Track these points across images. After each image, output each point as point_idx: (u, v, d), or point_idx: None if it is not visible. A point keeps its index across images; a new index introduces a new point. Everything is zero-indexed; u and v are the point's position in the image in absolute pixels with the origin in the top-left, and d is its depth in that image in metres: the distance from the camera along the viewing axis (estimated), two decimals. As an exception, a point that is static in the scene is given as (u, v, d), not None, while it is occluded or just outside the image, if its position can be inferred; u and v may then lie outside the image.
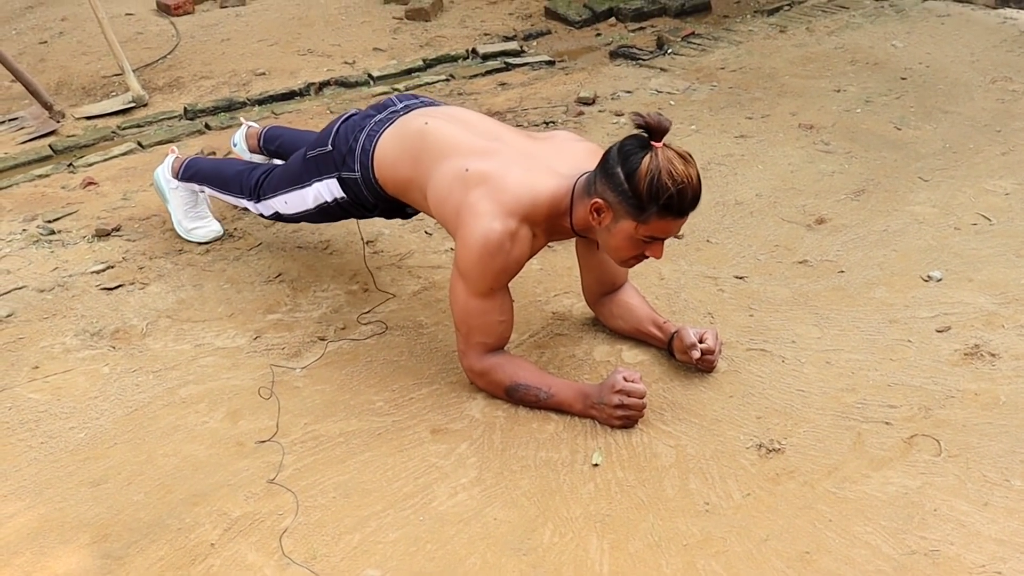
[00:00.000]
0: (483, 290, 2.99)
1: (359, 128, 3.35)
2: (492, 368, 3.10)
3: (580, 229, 3.01)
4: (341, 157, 3.35)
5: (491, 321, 3.06)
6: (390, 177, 3.26)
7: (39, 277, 3.89)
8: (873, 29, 6.21)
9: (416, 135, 3.22)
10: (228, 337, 3.51)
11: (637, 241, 2.88)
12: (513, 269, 2.99)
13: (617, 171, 2.81)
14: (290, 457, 2.95)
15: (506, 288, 3.05)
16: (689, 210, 2.82)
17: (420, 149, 3.17)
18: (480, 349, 3.10)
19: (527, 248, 2.98)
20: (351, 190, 3.37)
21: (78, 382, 3.32)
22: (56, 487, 2.88)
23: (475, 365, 3.11)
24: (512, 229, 2.92)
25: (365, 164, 3.29)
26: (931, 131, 4.86)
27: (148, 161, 4.83)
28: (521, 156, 3.06)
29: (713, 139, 4.83)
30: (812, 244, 3.93)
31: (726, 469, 2.84)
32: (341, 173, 3.36)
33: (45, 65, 6.21)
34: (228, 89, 5.78)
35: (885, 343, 3.34)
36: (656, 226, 2.83)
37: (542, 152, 3.11)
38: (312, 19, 6.87)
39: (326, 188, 3.42)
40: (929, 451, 2.87)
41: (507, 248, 2.92)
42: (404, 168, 3.21)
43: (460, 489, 2.81)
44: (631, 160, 2.78)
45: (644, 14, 6.78)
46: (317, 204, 3.49)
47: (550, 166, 3.03)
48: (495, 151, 3.07)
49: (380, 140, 3.28)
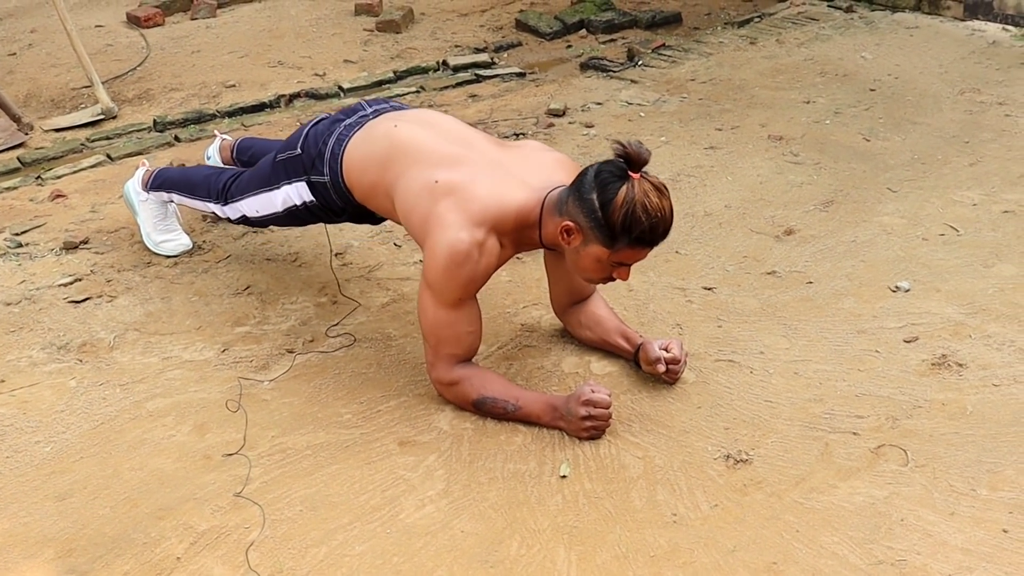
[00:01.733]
0: (451, 301, 2.99)
1: (328, 132, 3.35)
2: (460, 380, 3.08)
3: (549, 243, 3.02)
4: (311, 160, 3.35)
5: (460, 332, 3.05)
6: (358, 181, 3.26)
7: (6, 290, 3.86)
8: (842, 41, 6.24)
9: (384, 139, 3.22)
10: (196, 350, 3.49)
11: (605, 265, 2.90)
12: (481, 279, 2.99)
13: (592, 198, 2.80)
14: (257, 470, 2.93)
15: (474, 299, 3.05)
16: (660, 240, 2.85)
17: (388, 154, 3.17)
18: (449, 361, 3.09)
19: (494, 258, 2.98)
20: (320, 194, 3.37)
21: (44, 396, 3.30)
22: (21, 501, 2.86)
23: (443, 377, 3.10)
24: (479, 239, 2.91)
25: (334, 168, 3.29)
26: (899, 142, 4.89)
27: (117, 173, 4.81)
28: (490, 165, 3.06)
29: (683, 151, 4.84)
30: (781, 255, 3.94)
31: (694, 480, 2.84)
32: (310, 177, 3.36)
33: (14, 77, 6.18)
34: (198, 101, 5.76)
35: (853, 353, 3.35)
36: (625, 255, 2.85)
37: (511, 161, 3.11)
38: (283, 31, 6.86)
39: (295, 191, 3.42)
40: (896, 461, 2.88)
41: (475, 258, 2.92)
42: (372, 173, 3.21)
43: (428, 501, 2.80)
44: (607, 190, 2.78)
45: (615, 26, 6.80)
46: (286, 207, 3.48)
47: (519, 176, 3.03)
48: (464, 159, 3.07)
49: (349, 144, 3.28)
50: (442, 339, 3.06)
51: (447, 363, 3.09)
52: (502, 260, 3.03)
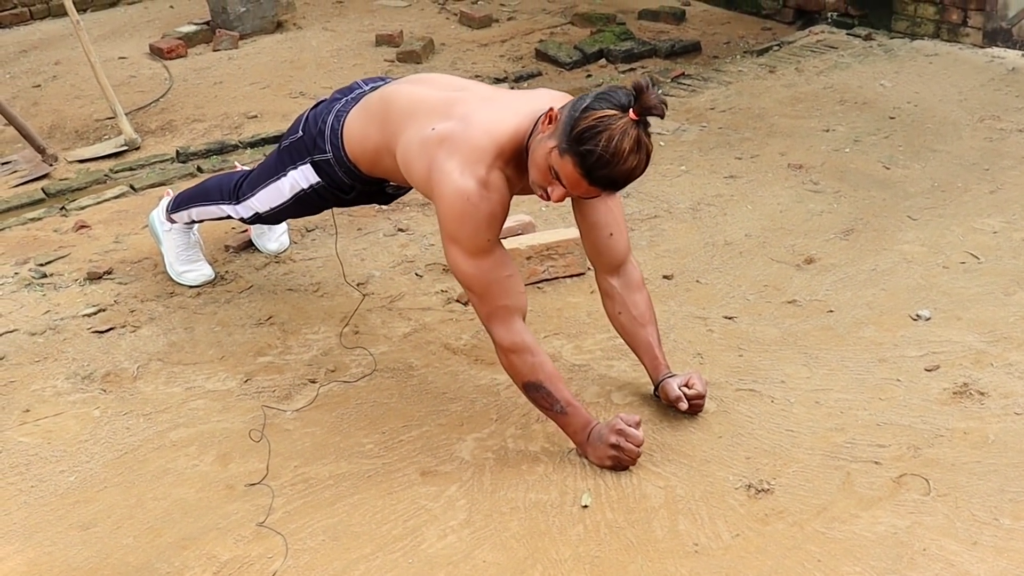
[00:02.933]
0: (479, 245, 2.93)
1: (327, 111, 3.38)
2: (523, 349, 2.99)
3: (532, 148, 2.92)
4: (312, 140, 3.37)
5: (500, 277, 2.97)
6: (360, 150, 3.27)
7: (31, 320, 3.90)
8: (862, 69, 6.25)
9: (380, 102, 3.24)
10: (219, 380, 3.52)
11: (548, 169, 2.80)
12: (499, 214, 2.94)
13: (584, 99, 2.75)
14: (280, 500, 2.95)
15: (499, 242, 2.98)
16: (599, 184, 2.75)
17: (385, 113, 3.18)
18: (505, 317, 2.99)
19: (504, 190, 2.93)
20: (325, 173, 3.39)
21: (69, 425, 3.32)
22: (46, 531, 2.88)
23: (505, 338, 3.00)
24: (482, 177, 2.88)
25: (335, 143, 3.31)
26: (919, 170, 4.89)
27: (140, 204, 4.84)
28: (482, 100, 3.05)
29: (703, 179, 4.85)
30: (801, 284, 3.94)
31: (715, 510, 2.84)
32: (313, 156, 3.38)
33: (38, 109, 6.24)
34: (220, 132, 5.80)
35: (874, 382, 3.35)
36: (564, 166, 2.75)
37: (505, 96, 3.12)
38: (304, 62, 6.91)
39: (301, 175, 3.44)
40: (918, 490, 2.87)
41: (484, 196, 2.88)
42: (373, 136, 3.22)
43: (449, 531, 2.81)
44: (598, 103, 2.71)
45: (634, 55, 6.82)
46: (294, 193, 3.50)
47: (511, 107, 3.00)
48: (457, 100, 3.05)
49: (347, 118, 3.31)
50: (488, 289, 2.97)
51: (504, 320, 3.00)
52: (512, 189, 2.98)
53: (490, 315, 3.01)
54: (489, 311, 3.01)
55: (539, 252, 3.96)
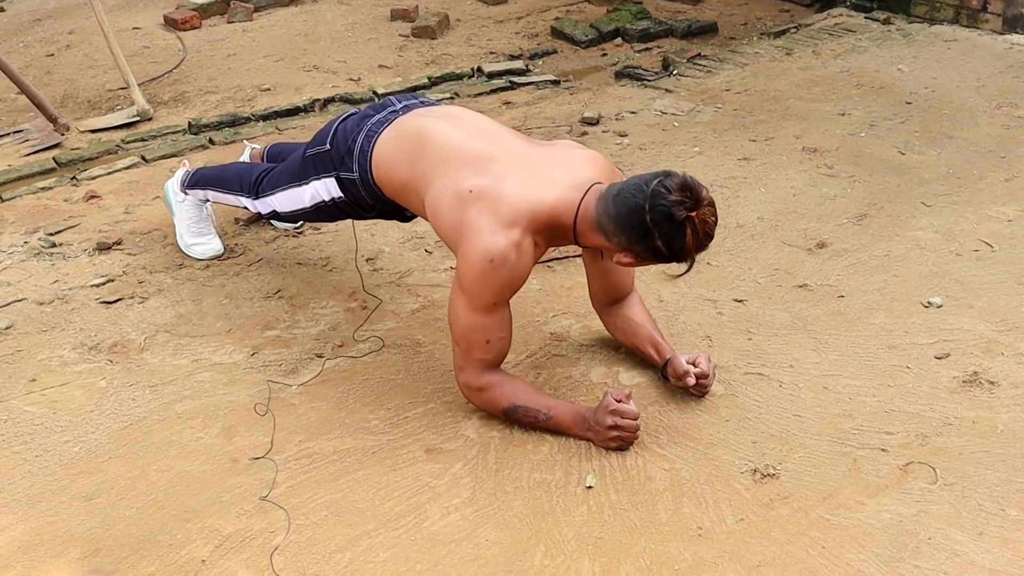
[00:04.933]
0: (486, 305, 2.96)
1: (358, 129, 3.34)
2: (490, 386, 3.07)
3: (585, 245, 3.01)
4: (339, 157, 3.35)
5: (492, 337, 3.03)
6: (387, 179, 3.25)
7: (39, 290, 3.89)
8: (879, 53, 6.21)
9: (413, 137, 3.20)
10: (225, 353, 3.51)
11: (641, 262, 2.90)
12: (517, 282, 2.97)
13: (656, 245, 2.77)
14: (283, 474, 2.94)
15: (507, 304, 3.02)
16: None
17: (417, 151, 3.16)
18: (479, 366, 3.07)
19: (530, 258, 2.95)
20: (349, 191, 3.37)
21: (75, 395, 3.32)
22: (49, 501, 2.88)
23: (472, 382, 3.08)
24: (516, 240, 2.88)
25: (363, 165, 3.29)
26: (935, 156, 4.85)
27: (151, 175, 4.83)
28: (519, 162, 3.03)
29: (716, 161, 4.82)
30: (812, 268, 3.92)
31: (720, 494, 2.83)
32: (339, 173, 3.36)
33: (51, 78, 6.22)
34: (233, 104, 5.79)
35: (883, 369, 3.33)
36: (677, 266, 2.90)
37: (540, 158, 3.07)
38: (318, 35, 6.88)
39: (324, 187, 3.42)
40: (925, 479, 2.86)
41: (511, 260, 2.89)
42: (401, 170, 3.20)
43: (453, 509, 2.80)
44: (674, 241, 2.75)
45: (650, 35, 6.79)
46: (314, 203, 3.48)
47: (549, 174, 2.99)
48: (492, 157, 3.04)
49: (378, 141, 3.27)
50: (473, 344, 3.03)
51: (476, 368, 3.07)
52: (536, 258, 3.00)
53: (464, 366, 3.08)
54: (465, 363, 3.08)
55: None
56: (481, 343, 3.03)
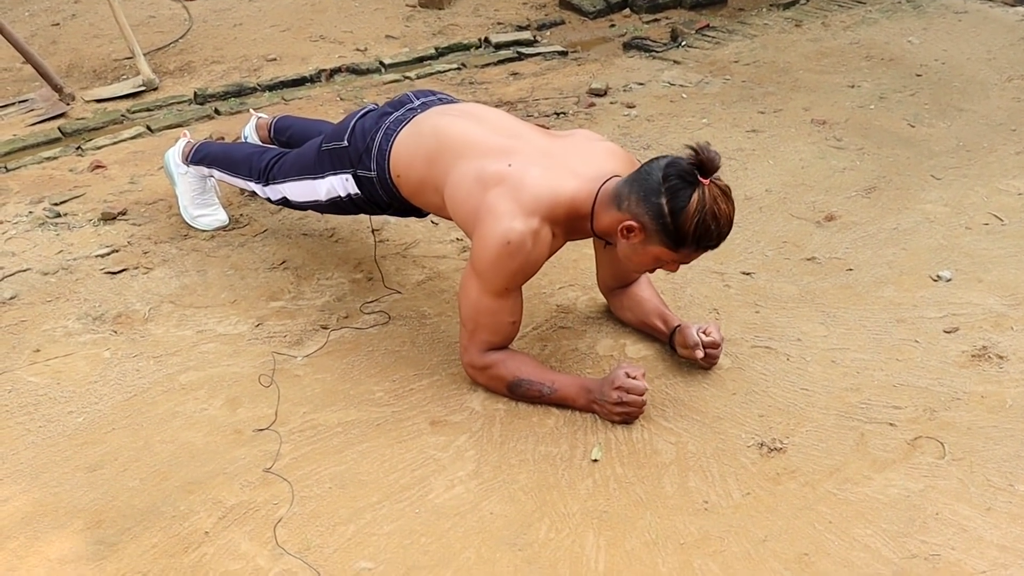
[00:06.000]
0: (498, 289, 2.95)
1: (376, 127, 3.32)
2: (494, 364, 3.06)
3: (601, 234, 2.98)
4: (357, 155, 3.33)
5: (501, 321, 3.02)
6: (405, 177, 3.23)
7: (43, 260, 3.87)
8: (889, 25, 6.16)
9: (431, 135, 3.18)
10: (230, 324, 3.49)
11: (660, 261, 2.87)
12: (531, 270, 2.96)
13: (660, 202, 2.75)
14: (287, 446, 2.93)
15: (519, 289, 3.01)
16: (719, 244, 2.83)
17: (436, 149, 3.14)
18: (483, 346, 3.06)
19: (546, 248, 2.94)
20: (366, 188, 3.35)
21: (79, 366, 3.30)
22: (52, 471, 2.87)
23: (476, 361, 3.08)
24: (534, 228, 2.87)
25: (381, 164, 3.27)
26: (945, 129, 4.82)
27: (157, 145, 4.81)
28: (540, 154, 3.02)
29: (724, 133, 4.79)
30: (821, 241, 3.89)
31: (726, 467, 2.81)
32: (357, 171, 3.34)
33: (57, 47, 6.19)
34: (239, 74, 5.75)
35: (892, 343, 3.31)
36: (687, 255, 2.83)
37: (561, 151, 3.06)
38: (325, 5, 6.84)
39: (340, 183, 3.40)
40: (933, 454, 2.84)
41: (528, 247, 2.87)
42: (419, 168, 3.18)
43: (457, 482, 2.79)
44: (679, 197, 2.73)
45: (659, 5, 6.74)
46: (329, 197, 3.46)
47: (569, 166, 2.98)
48: (513, 149, 3.03)
49: (396, 140, 3.25)
50: (481, 326, 3.03)
51: (480, 348, 3.06)
52: (553, 249, 2.99)
53: (468, 346, 3.09)
54: (469, 342, 3.08)
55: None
56: (489, 326, 3.02)
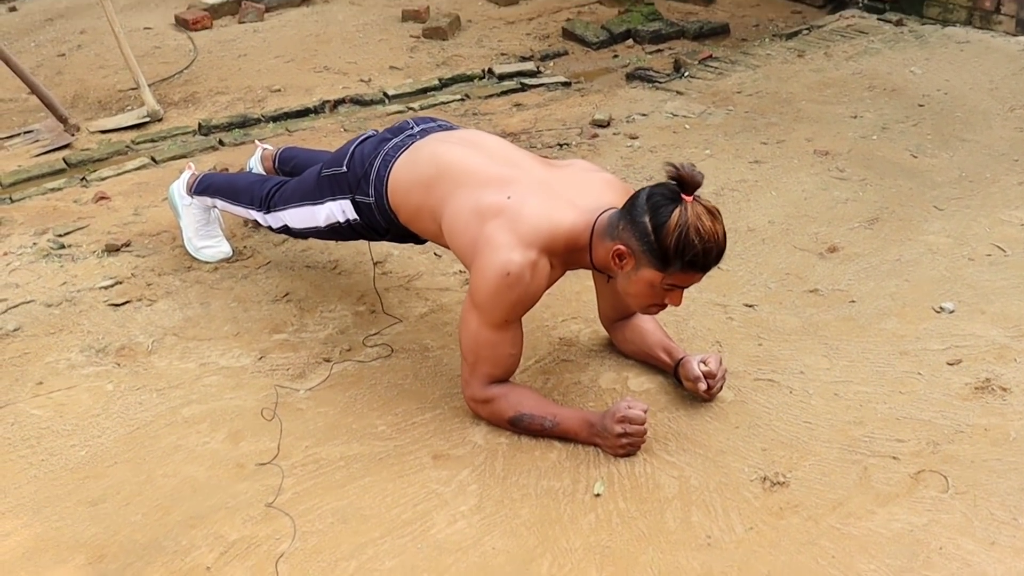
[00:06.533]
0: (498, 322, 2.96)
1: (375, 153, 3.33)
2: (495, 398, 3.06)
3: (599, 266, 2.99)
4: (356, 180, 3.34)
5: (501, 354, 3.03)
6: (403, 204, 3.24)
7: (47, 291, 3.88)
8: (892, 55, 6.17)
9: (430, 162, 3.19)
10: (233, 356, 3.50)
11: (658, 290, 2.86)
12: (530, 301, 2.96)
13: (644, 221, 2.77)
14: (289, 480, 2.93)
15: (519, 321, 3.02)
16: (713, 265, 2.82)
17: (434, 176, 3.15)
18: (485, 379, 3.06)
19: (545, 280, 2.95)
20: (364, 214, 3.36)
21: (81, 399, 3.31)
22: (54, 505, 2.87)
23: (478, 394, 3.07)
24: (532, 259, 2.88)
25: (379, 190, 3.28)
26: (947, 159, 4.82)
27: (161, 176, 4.82)
28: (538, 185, 3.03)
29: (727, 164, 4.80)
30: (824, 273, 3.89)
31: (729, 502, 2.81)
32: (355, 196, 3.35)
33: (62, 78, 6.22)
34: (243, 105, 5.78)
35: (895, 375, 3.31)
36: (678, 278, 2.83)
37: (559, 182, 3.07)
38: (329, 36, 6.87)
39: (339, 208, 3.41)
40: (936, 487, 2.83)
41: (526, 280, 2.89)
42: (417, 195, 3.19)
43: (459, 517, 2.78)
44: (660, 212, 2.75)
45: (662, 36, 6.77)
46: (328, 223, 3.47)
47: (567, 197, 3.00)
48: (511, 179, 3.04)
49: (394, 166, 3.26)
50: (481, 359, 3.03)
51: (482, 382, 3.06)
52: (552, 281, 3.01)
53: (470, 379, 3.09)
54: (471, 376, 3.08)
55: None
56: (490, 359, 3.03)
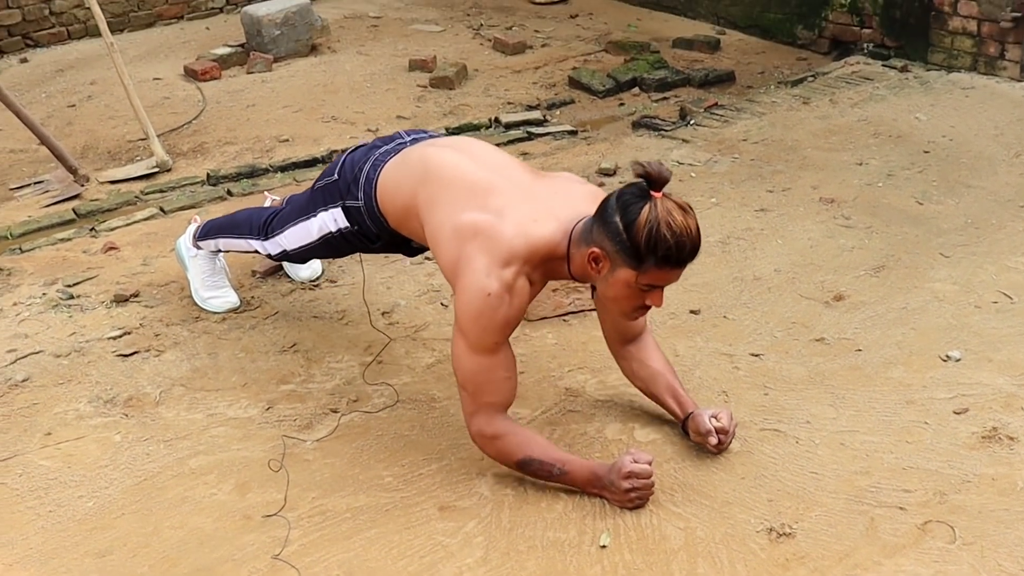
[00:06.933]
0: (487, 346, 2.95)
1: (365, 159, 3.37)
2: (503, 435, 3.04)
3: (578, 275, 2.98)
4: (346, 185, 3.37)
5: (497, 378, 3.01)
6: (391, 205, 3.26)
7: (56, 342, 3.90)
8: (897, 101, 6.20)
9: (418, 163, 3.22)
10: (240, 407, 3.51)
11: (636, 290, 2.84)
12: (514, 321, 2.96)
13: (615, 220, 2.77)
14: (296, 532, 2.93)
15: (508, 344, 3.01)
16: (688, 260, 2.79)
17: (422, 177, 3.17)
18: (488, 411, 3.03)
19: (526, 296, 2.95)
20: (355, 219, 3.38)
21: (89, 449, 3.32)
22: (61, 557, 2.88)
23: (485, 429, 3.05)
24: (508, 281, 2.88)
25: (368, 192, 3.30)
26: (953, 206, 4.83)
27: (169, 227, 4.85)
28: (521, 196, 3.03)
29: (733, 212, 4.81)
30: (830, 321, 3.90)
31: (735, 553, 2.80)
32: (346, 202, 3.37)
33: (72, 128, 6.27)
34: (251, 155, 5.82)
35: (901, 425, 3.31)
36: (654, 275, 2.80)
37: (542, 192, 3.08)
38: (337, 86, 6.91)
39: (331, 217, 3.43)
40: (943, 538, 2.83)
41: (506, 301, 2.89)
42: (404, 195, 3.20)
43: (465, 569, 2.78)
44: (630, 210, 2.75)
45: (667, 84, 6.80)
46: (321, 235, 3.49)
47: (549, 207, 3.00)
48: (494, 188, 3.04)
49: (384, 169, 3.30)
50: (480, 386, 3.01)
51: (487, 414, 3.04)
52: (533, 295, 3.01)
53: (475, 412, 3.05)
54: (475, 408, 3.05)
55: (565, 284, 3.93)
56: (487, 385, 3.00)
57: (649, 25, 8.00)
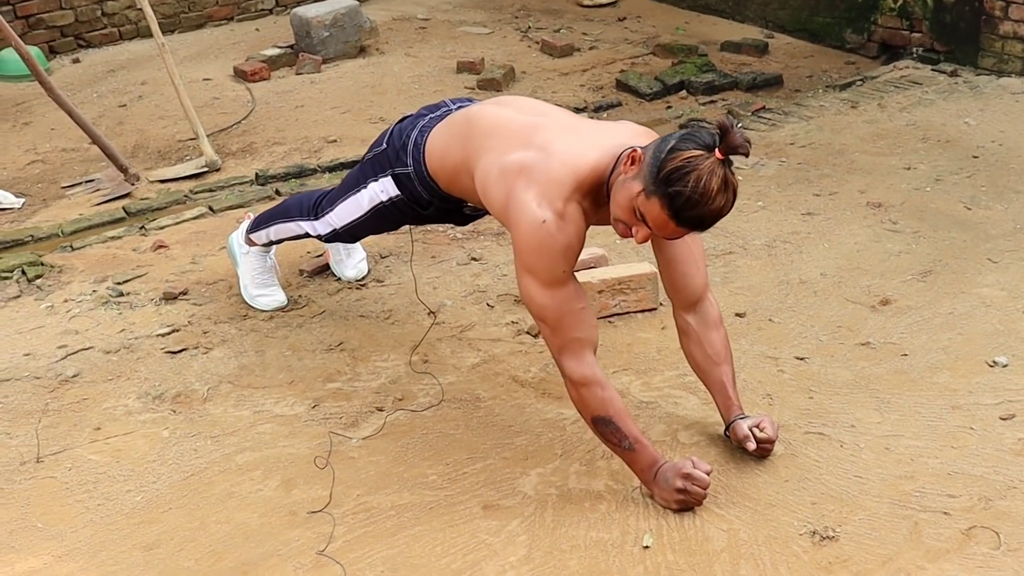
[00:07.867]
0: (556, 276, 2.93)
1: (412, 126, 3.42)
2: (593, 382, 2.98)
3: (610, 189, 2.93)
4: (395, 153, 3.41)
5: (574, 309, 2.97)
6: (440, 166, 3.30)
7: (106, 338, 3.95)
8: (946, 106, 6.16)
9: (463, 120, 3.26)
10: (287, 404, 3.54)
11: (632, 210, 2.81)
12: (575, 246, 2.94)
13: (672, 140, 2.75)
14: (341, 528, 2.96)
15: (573, 275, 2.98)
16: (687, 223, 2.75)
17: (466, 132, 3.20)
18: (575, 347, 2.98)
19: (581, 222, 2.94)
20: (405, 187, 3.41)
21: (138, 445, 3.36)
22: (110, 550, 2.92)
23: (575, 371, 2.98)
24: (559, 209, 2.88)
25: (417, 158, 3.34)
26: (1002, 211, 4.80)
27: (218, 226, 4.90)
28: (564, 129, 3.05)
29: (779, 216, 4.80)
30: (876, 326, 3.88)
31: (778, 556, 2.80)
32: (395, 169, 3.41)
33: (123, 128, 6.34)
34: (300, 155, 5.86)
35: (947, 430, 3.29)
36: (651, 208, 2.75)
37: (587, 126, 3.10)
38: (385, 87, 6.95)
39: (380, 187, 3.47)
40: (988, 544, 2.82)
41: (562, 227, 2.89)
42: (453, 153, 3.24)
43: (508, 567, 2.80)
44: (685, 143, 2.72)
45: (715, 87, 6.79)
46: (372, 206, 3.52)
47: (592, 139, 3.01)
48: (538, 126, 3.07)
49: (431, 133, 3.34)
50: (561, 321, 2.96)
51: (575, 353, 2.98)
52: (589, 222, 2.98)
53: (562, 348, 2.99)
54: (561, 344, 2.99)
55: (611, 286, 3.94)
56: (567, 319, 2.96)
57: (697, 28, 7.98)
